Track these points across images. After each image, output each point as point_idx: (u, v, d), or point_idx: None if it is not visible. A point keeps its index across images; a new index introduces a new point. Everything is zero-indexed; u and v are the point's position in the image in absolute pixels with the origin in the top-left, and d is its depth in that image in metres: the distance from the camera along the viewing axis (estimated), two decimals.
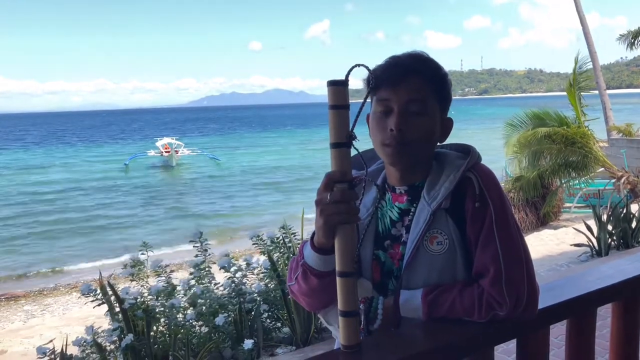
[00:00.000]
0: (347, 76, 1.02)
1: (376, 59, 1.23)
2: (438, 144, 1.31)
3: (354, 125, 1.04)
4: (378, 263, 1.28)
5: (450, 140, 1.35)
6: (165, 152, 35.10)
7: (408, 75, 1.19)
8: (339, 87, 1.01)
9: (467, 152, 1.29)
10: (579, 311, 1.45)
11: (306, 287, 1.24)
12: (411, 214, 1.26)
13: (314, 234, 1.18)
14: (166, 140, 37.96)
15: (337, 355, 1.22)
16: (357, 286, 1.08)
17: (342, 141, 1.02)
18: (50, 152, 50.56)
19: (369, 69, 1.07)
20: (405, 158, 1.22)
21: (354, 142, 1.05)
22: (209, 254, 4.51)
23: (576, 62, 12.34)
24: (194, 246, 4.53)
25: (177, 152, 35.21)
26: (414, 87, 1.20)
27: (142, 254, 4.36)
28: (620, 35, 16.86)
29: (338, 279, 1.05)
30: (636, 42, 16.06)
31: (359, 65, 1.06)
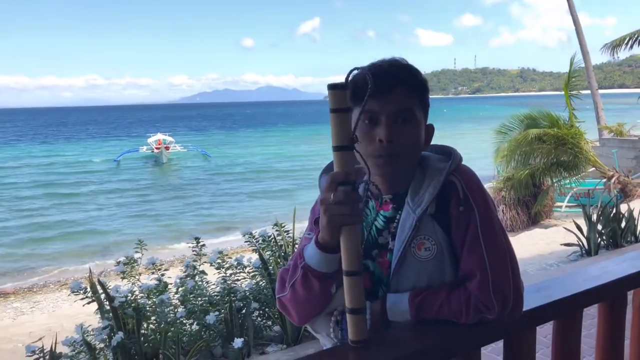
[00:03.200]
0: (346, 79, 1.03)
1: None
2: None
3: (355, 128, 1.05)
4: (367, 272, 1.26)
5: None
6: (156, 148, 34.99)
7: (394, 86, 1.19)
8: (339, 90, 1.02)
9: (447, 154, 1.28)
10: (565, 312, 1.47)
11: (304, 292, 1.20)
12: (396, 221, 1.25)
13: (316, 235, 1.16)
14: (159, 136, 37.90)
15: (325, 354, 1.23)
16: (362, 284, 1.09)
17: (345, 144, 1.03)
18: (41, 147, 50.09)
19: (368, 74, 1.05)
20: (396, 168, 1.22)
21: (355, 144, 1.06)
22: (204, 253, 4.51)
23: (571, 63, 12.34)
24: (189, 246, 4.52)
25: (167, 148, 35.11)
26: (401, 98, 1.19)
27: (137, 251, 4.34)
28: (605, 44, 17.19)
29: (345, 278, 1.07)
30: (622, 45, 16.40)
31: (357, 68, 1.08)
